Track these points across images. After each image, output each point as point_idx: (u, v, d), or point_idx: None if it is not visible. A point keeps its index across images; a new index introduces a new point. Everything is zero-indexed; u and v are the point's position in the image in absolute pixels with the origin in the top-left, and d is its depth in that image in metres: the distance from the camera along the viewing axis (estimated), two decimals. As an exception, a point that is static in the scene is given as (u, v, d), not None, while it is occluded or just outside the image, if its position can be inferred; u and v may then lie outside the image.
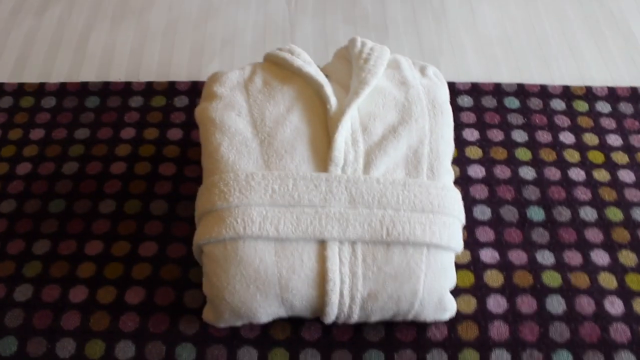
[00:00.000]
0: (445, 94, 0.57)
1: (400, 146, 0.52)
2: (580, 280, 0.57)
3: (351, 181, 0.50)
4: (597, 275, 0.57)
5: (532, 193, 0.64)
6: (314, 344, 0.53)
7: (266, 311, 0.49)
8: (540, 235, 0.60)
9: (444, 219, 0.50)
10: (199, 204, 0.51)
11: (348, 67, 0.59)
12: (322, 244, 0.48)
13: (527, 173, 0.65)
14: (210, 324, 0.53)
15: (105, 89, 0.73)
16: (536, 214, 0.62)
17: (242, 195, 0.49)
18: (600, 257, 0.59)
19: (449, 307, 0.52)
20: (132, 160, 0.66)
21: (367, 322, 0.52)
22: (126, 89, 0.73)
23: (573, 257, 0.59)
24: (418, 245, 0.49)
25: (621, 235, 0.60)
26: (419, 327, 0.54)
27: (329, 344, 0.53)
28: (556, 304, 0.55)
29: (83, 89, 0.73)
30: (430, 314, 0.51)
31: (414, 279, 0.48)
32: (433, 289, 0.49)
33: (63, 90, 0.73)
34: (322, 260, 0.48)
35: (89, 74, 0.76)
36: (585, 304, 0.55)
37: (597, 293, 0.56)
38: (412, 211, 0.49)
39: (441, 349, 0.53)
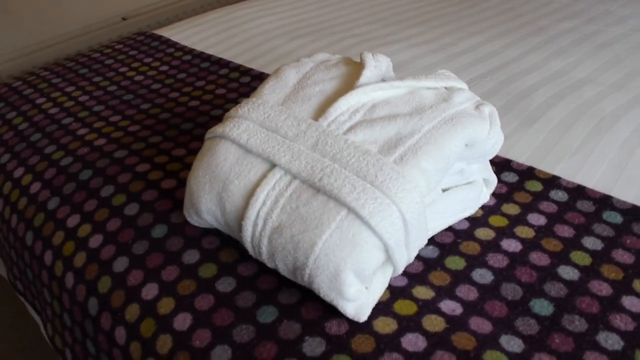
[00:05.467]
0: (481, 131, 0.54)
1: (389, 129, 0.52)
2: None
3: (325, 133, 0.53)
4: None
5: (554, 289, 0.51)
6: (237, 276, 0.55)
7: (207, 205, 0.54)
8: (526, 325, 0.48)
9: (378, 194, 0.47)
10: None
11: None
12: (272, 168, 0.52)
13: (569, 273, 0.53)
14: (188, 222, 0.60)
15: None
16: (542, 307, 0.50)
17: (248, 111, 0.57)
18: (580, 381, 0.43)
19: (346, 295, 0.47)
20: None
21: (277, 267, 0.51)
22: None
23: (545, 363, 0.45)
24: (339, 204, 0.47)
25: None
26: (326, 313, 0.50)
27: (247, 282, 0.54)
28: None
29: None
30: (324, 285, 0.47)
31: (318, 231, 0.47)
32: (332, 254, 0.46)
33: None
34: (261, 179, 0.52)
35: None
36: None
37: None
38: (354, 174, 0.49)
39: (325, 341, 0.48)
